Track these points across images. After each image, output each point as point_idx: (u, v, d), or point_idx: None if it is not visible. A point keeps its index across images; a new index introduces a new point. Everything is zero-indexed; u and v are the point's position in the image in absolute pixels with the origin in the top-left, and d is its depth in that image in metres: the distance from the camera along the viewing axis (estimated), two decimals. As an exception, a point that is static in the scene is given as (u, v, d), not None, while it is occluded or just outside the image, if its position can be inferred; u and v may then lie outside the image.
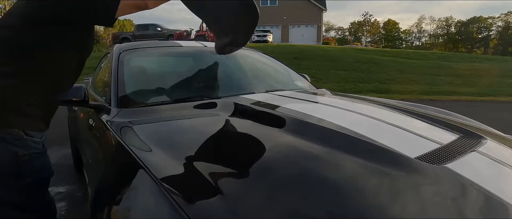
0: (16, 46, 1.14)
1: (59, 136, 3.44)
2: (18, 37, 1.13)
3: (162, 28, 17.99)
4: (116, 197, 0.84)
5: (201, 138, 1.08)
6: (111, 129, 1.24)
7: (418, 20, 72.20)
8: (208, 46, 2.14)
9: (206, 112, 1.38)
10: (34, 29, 1.12)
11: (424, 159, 0.86)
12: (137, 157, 0.92)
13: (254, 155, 0.92)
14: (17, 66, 1.14)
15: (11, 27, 1.14)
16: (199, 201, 0.68)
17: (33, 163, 1.20)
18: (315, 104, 1.64)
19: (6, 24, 1.18)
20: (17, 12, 1.15)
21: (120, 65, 1.72)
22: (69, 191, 2.68)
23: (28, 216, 1.26)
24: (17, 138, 1.14)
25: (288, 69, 2.47)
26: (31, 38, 1.13)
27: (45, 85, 1.19)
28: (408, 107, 1.58)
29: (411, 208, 0.68)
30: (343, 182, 0.77)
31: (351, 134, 1.01)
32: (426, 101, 8.74)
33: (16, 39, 1.14)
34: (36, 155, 1.21)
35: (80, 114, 2.11)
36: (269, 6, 29.80)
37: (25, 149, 1.17)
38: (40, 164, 1.25)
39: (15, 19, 1.14)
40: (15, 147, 1.14)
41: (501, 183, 0.82)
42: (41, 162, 1.25)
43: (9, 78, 1.13)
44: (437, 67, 14.64)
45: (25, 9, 1.12)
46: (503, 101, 9.70)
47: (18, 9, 1.16)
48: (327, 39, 36.30)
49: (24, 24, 1.12)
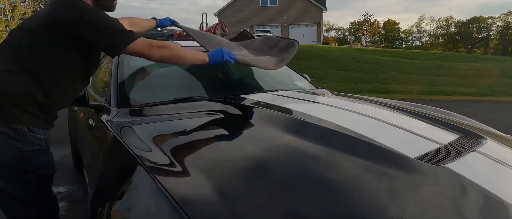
0: (27, 46, 1.20)
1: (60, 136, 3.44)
2: (30, 37, 1.20)
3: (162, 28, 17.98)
4: (116, 197, 0.84)
5: (201, 138, 1.08)
6: (111, 129, 1.24)
7: (418, 20, 72.18)
8: None
9: (206, 112, 1.38)
10: (47, 31, 1.19)
11: (424, 159, 0.86)
12: (137, 157, 0.92)
13: (254, 155, 0.92)
14: (25, 65, 1.18)
15: (29, 30, 1.22)
16: (199, 201, 0.68)
17: (36, 159, 1.22)
18: (315, 104, 1.64)
19: (26, 27, 1.26)
20: (39, 19, 1.24)
21: (120, 65, 1.72)
22: (69, 191, 2.68)
23: (32, 212, 1.28)
24: (21, 134, 1.17)
25: (288, 69, 2.47)
26: (42, 37, 1.19)
27: (50, 86, 1.21)
28: (408, 107, 1.58)
29: (411, 208, 0.68)
30: (343, 182, 0.77)
31: (351, 134, 1.01)
32: (426, 101, 8.74)
33: (29, 39, 1.20)
34: (39, 152, 1.23)
35: (80, 114, 2.11)
36: (269, 6, 29.81)
37: (28, 145, 1.19)
38: (43, 161, 1.27)
39: (36, 24, 1.22)
40: (19, 142, 1.16)
41: (501, 183, 0.82)
42: (44, 159, 1.27)
43: (17, 76, 1.16)
44: (437, 67, 14.64)
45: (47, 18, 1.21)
46: (504, 101, 9.70)
47: (40, 17, 1.25)
48: (327, 39, 36.35)
49: (41, 27, 1.20)
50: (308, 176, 0.78)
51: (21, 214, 1.27)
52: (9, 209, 1.26)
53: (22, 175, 1.20)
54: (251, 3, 29.45)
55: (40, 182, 1.28)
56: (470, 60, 17.72)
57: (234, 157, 0.92)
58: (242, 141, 1.05)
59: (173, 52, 1.33)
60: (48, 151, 1.30)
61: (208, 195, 0.69)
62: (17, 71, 1.16)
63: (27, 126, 1.18)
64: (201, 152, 0.96)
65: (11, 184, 1.21)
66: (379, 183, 0.76)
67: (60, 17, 1.17)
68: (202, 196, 0.69)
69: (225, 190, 0.71)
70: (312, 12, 29.03)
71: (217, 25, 14.53)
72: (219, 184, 0.73)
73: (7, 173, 1.18)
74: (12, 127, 1.15)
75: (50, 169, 1.31)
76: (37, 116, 1.21)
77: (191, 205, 0.66)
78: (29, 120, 1.19)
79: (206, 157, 0.92)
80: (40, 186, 1.28)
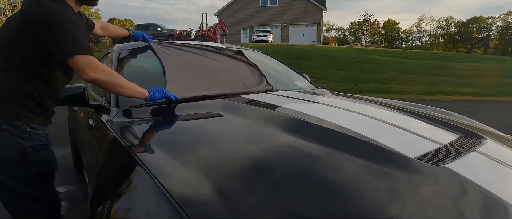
0: (9, 44, 1.22)
1: (61, 136, 3.44)
2: (9, 36, 1.22)
3: (162, 28, 17.98)
4: (116, 197, 0.84)
5: (201, 138, 1.08)
6: (111, 129, 1.24)
7: (418, 20, 72.20)
8: (231, 48, 2.15)
9: (206, 112, 1.38)
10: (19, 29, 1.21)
11: (424, 159, 0.86)
12: (137, 157, 0.92)
13: (254, 155, 0.92)
14: (12, 63, 1.21)
15: (7, 28, 1.24)
16: (199, 201, 0.68)
17: (38, 155, 1.27)
18: (315, 104, 1.64)
19: (6, 25, 1.28)
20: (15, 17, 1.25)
21: (120, 65, 1.72)
22: (69, 191, 2.68)
23: (36, 208, 1.33)
24: (22, 130, 1.22)
25: (288, 69, 2.47)
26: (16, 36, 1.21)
27: (39, 82, 1.25)
28: (408, 107, 1.58)
29: (411, 208, 0.68)
30: (343, 182, 0.76)
31: (351, 134, 1.01)
32: (426, 101, 8.74)
33: (8, 38, 1.22)
34: (40, 147, 1.28)
35: (80, 114, 2.11)
36: (269, 6, 29.81)
37: (29, 141, 1.24)
38: (44, 156, 1.32)
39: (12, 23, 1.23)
40: (20, 139, 1.21)
41: (501, 183, 0.82)
42: (45, 154, 1.32)
43: (11, 74, 1.21)
44: (437, 67, 14.64)
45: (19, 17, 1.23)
46: (504, 101, 9.70)
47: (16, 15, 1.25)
48: (327, 39, 36.30)
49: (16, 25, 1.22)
50: (308, 176, 0.78)
51: (24, 210, 1.31)
52: (12, 205, 1.30)
53: (25, 170, 1.24)
54: (251, 3, 29.45)
55: (43, 177, 1.32)
56: (470, 60, 17.71)
57: (234, 157, 0.92)
58: (242, 141, 1.05)
59: (113, 79, 1.28)
60: (48, 146, 1.35)
61: (208, 195, 0.69)
62: (10, 69, 1.21)
63: (28, 123, 1.23)
64: (201, 152, 0.96)
65: (15, 180, 1.25)
66: (379, 183, 0.76)
67: (27, 16, 1.19)
68: (202, 196, 0.69)
69: (225, 190, 0.71)
70: (312, 12, 29.03)
71: (217, 25, 14.56)
72: (219, 184, 0.73)
73: (10, 169, 1.23)
74: (14, 124, 1.20)
75: (51, 164, 1.36)
76: (36, 113, 1.26)
77: (191, 205, 0.66)
78: (29, 117, 1.24)
79: (206, 157, 0.92)
80: (42, 182, 1.33)
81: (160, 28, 17.94)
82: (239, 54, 2.10)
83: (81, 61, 1.19)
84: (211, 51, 2.02)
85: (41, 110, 1.28)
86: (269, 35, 23.88)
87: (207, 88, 1.62)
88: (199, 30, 14.44)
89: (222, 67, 1.92)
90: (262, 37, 23.29)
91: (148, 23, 18.68)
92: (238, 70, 1.96)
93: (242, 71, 1.96)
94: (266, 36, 23.44)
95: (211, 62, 1.94)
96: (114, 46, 1.98)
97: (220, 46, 2.14)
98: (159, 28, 17.92)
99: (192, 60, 1.89)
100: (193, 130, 1.21)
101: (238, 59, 2.06)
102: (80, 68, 1.20)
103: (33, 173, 1.26)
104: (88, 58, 1.21)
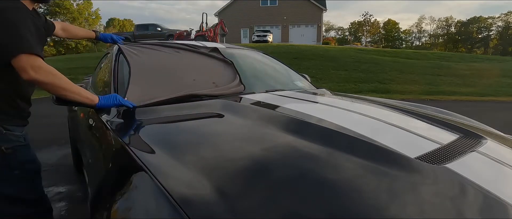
0: None
1: (61, 136, 3.44)
2: None
3: (162, 28, 17.97)
4: (116, 197, 0.84)
5: (201, 138, 1.08)
6: (111, 129, 1.24)
7: (418, 20, 72.22)
8: (207, 46, 2.14)
9: (206, 112, 1.38)
10: None
11: (424, 159, 0.86)
12: (137, 157, 0.91)
13: (254, 155, 0.92)
14: None
15: None
16: (199, 201, 0.68)
17: (18, 155, 1.28)
18: (315, 104, 1.64)
19: None
20: None
21: (120, 65, 1.72)
22: (69, 191, 2.68)
23: (22, 211, 1.31)
24: None
25: (288, 69, 2.47)
26: None
27: (9, 82, 1.25)
28: (408, 107, 1.58)
29: (411, 208, 0.68)
30: (343, 182, 0.76)
31: (351, 134, 1.01)
32: (426, 101, 8.74)
33: None
34: (19, 148, 1.29)
35: (80, 114, 2.11)
36: (269, 6, 29.81)
37: (7, 142, 1.25)
38: (24, 156, 1.32)
39: None
40: None
41: (501, 183, 0.82)
42: (25, 154, 1.33)
43: None
44: (437, 67, 14.63)
45: None
46: (504, 101, 9.70)
47: None
48: (327, 39, 36.31)
49: None
50: (308, 176, 0.78)
51: (10, 214, 1.30)
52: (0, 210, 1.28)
53: (7, 171, 1.25)
54: (251, 3, 29.45)
55: (27, 179, 1.33)
56: (470, 60, 17.70)
57: (234, 157, 0.92)
58: (242, 141, 1.05)
59: (56, 81, 1.22)
60: (28, 146, 1.35)
61: (208, 195, 0.69)
62: None
63: (2, 126, 1.24)
64: (201, 152, 0.96)
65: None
66: (379, 183, 0.76)
67: None
68: (202, 196, 0.69)
69: (225, 190, 0.71)
70: (312, 12, 29.03)
71: (217, 25, 14.57)
72: (219, 184, 0.73)
73: None
74: None
75: (33, 163, 1.36)
76: (10, 114, 1.27)
77: (191, 205, 0.66)
78: (3, 119, 1.25)
79: (206, 157, 0.92)
80: (27, 182, 1.33)
81: (160, 28, 17.93)
82: (214, 51, 2.02)
83: (23, 60, 1.14)
84: (184, 50, 1.97)
85: (15, 111, 1.28)
86: (269, 35, 23.88)
87: (173, 90, 1.55)
88: (199, 30, 14.45)
89: (193, 67, 1.86)
90: (262, 37, 23.29)
91: (148, 23, 18.64)
92: (210, 69, 1.89)
93: (214, 70, 1.88)
94: (266, 36, 23.44)
95: (182, 61, 1.88)
96: (114, 46, 1.98)
97: (195, 44, 2.08)
98: (159, 28, 17.91)
99: (161, 61, 1.82)
100: (193, 130, 1.21)
101: (212, 57, 1.98)
102: (22, 67, 1.14)
103: (16, 174, 1.27)
104: (32, 58, 1.15)
